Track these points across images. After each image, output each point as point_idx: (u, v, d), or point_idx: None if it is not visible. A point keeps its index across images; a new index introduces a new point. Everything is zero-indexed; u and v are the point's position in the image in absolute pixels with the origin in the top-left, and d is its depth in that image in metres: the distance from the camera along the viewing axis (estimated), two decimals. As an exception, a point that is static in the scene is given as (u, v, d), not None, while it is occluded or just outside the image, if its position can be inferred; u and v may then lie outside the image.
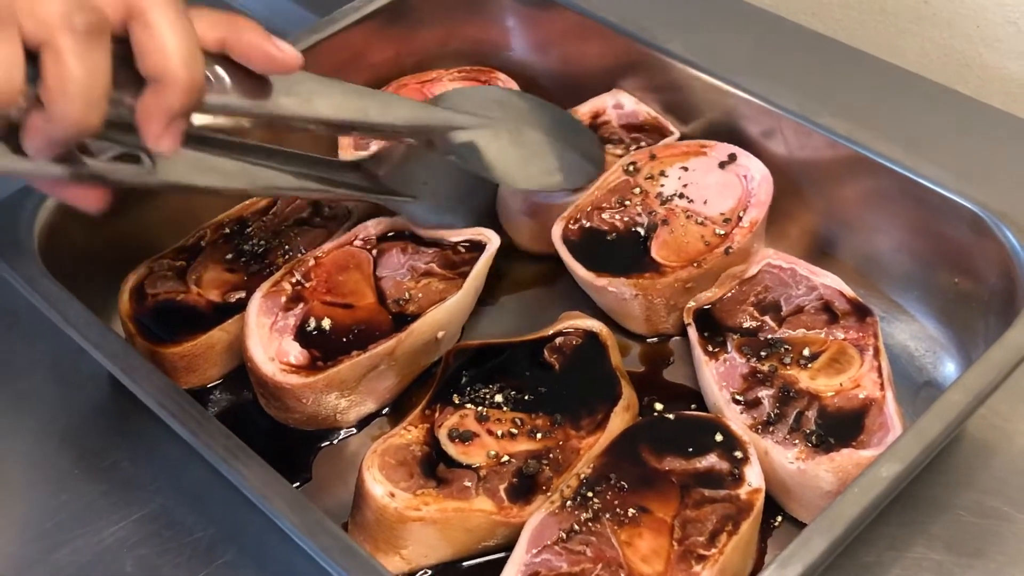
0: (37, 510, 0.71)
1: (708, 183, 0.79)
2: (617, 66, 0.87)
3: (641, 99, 0.86)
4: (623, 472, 0.64)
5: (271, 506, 0.59)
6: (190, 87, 0.54)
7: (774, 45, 1.00)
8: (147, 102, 0.54)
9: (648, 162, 0.80)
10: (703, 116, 0.83)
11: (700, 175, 0.79)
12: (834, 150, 0.76)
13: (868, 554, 0.66)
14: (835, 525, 0.56)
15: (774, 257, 0.76)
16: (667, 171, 0.80)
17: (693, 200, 0.78)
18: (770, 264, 0.76)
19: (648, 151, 0.81)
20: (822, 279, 0.74)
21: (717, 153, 0.80)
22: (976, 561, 0.66)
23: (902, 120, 0.90)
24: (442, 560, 0.65)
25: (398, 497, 0.63)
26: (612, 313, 0.77)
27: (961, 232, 0.71)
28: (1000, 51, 1.00)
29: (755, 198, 0.77)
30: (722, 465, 0.65)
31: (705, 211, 0.77)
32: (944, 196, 0.71)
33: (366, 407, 0.73)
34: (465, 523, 0.64)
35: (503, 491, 0.64)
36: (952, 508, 0.68)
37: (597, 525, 0.62)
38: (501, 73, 0.91)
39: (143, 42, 0.53)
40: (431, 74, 0.92)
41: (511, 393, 0.69)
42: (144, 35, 0.53)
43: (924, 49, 1.03)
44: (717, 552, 0.60)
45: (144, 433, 0.73)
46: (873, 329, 0.71)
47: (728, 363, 0.71)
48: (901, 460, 0.58)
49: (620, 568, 0.60)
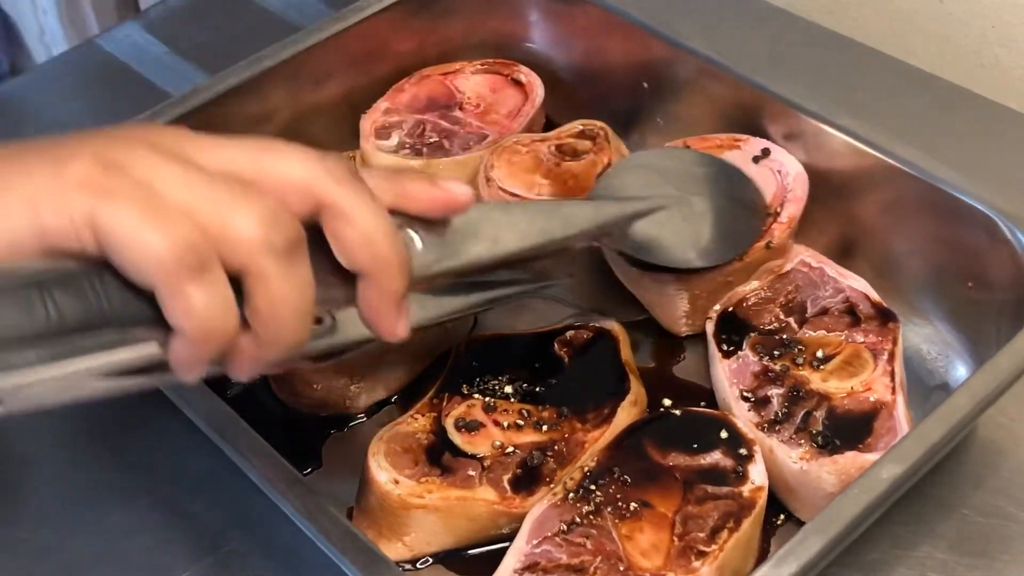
0: (43, 496, 0.72)
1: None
2: (639, 62, 0.87)
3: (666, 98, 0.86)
4: (627, 466, 0.64)
5: (273, 490, 0.60)
6: (402, 266, 0.51)
7: (791, 43, 0.99)
8: (370, 298, 0.51)
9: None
10: (723, 115, 0.83)
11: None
12: (852, 152, 0.76)
13: (873, 552, 0.66)
14: (833, 525, 0.56)
15: (807, 255, 0.76)
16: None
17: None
18: (803, 261, 0.76)
19: (682, 143, 0.81)
20: (849, 281, 0.74)
21: (750, 148, 0.80)
22: (981, 561, 0.66)
23: (917, 121, 0.89)
24: (444, 548, 0.66)
25: (402, 484, 0.63)
26: (653, 310, 0.77)
27: (975, 236, 0.71)
28: (1016, 51, 1.00)
29: (791, 193, 0.77)
30: (726, 462, 0.65)
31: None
32: (958, 199, 0.71)
33: (376, 394, 0.73)
34: (468, 512, 0.64)
35: (506, 481, 0.65)
36: (959, 508, 0.68)
37: (598, 518, 0.62)
38: (524, 66, 0.92)
39: (344, 236, 0.49)
40: (454, 65, 0.92)
41: (520, 385, 0.70)
42: (341, 227, 0.49)
43: (940, 49, 1.03)
44: (717, 548, 0.61)
45: (153, 419, 0.73)
46: (894, 334, 0.71)
47: (741, 361, 0.71)
48: (902, 462, 0.58)
49: (619, 561, 0.60)
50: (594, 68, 0.91)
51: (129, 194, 0.45)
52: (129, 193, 0.45)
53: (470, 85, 0.91)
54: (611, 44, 0.89)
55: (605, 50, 0.90)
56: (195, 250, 0.45)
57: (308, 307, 0.49)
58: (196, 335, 0.46)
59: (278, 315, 0.47)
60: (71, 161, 0.45)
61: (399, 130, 0.87)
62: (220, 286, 0.46)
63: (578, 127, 0.86)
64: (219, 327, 0.46)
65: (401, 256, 0.51)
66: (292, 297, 0.48)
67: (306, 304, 0.48)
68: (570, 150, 0.84)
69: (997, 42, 1.01)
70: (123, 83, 1.03)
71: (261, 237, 0.46)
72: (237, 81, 0.83)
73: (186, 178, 0.46)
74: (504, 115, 0.88)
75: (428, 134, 0.87)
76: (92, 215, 0.44)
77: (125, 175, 0.45)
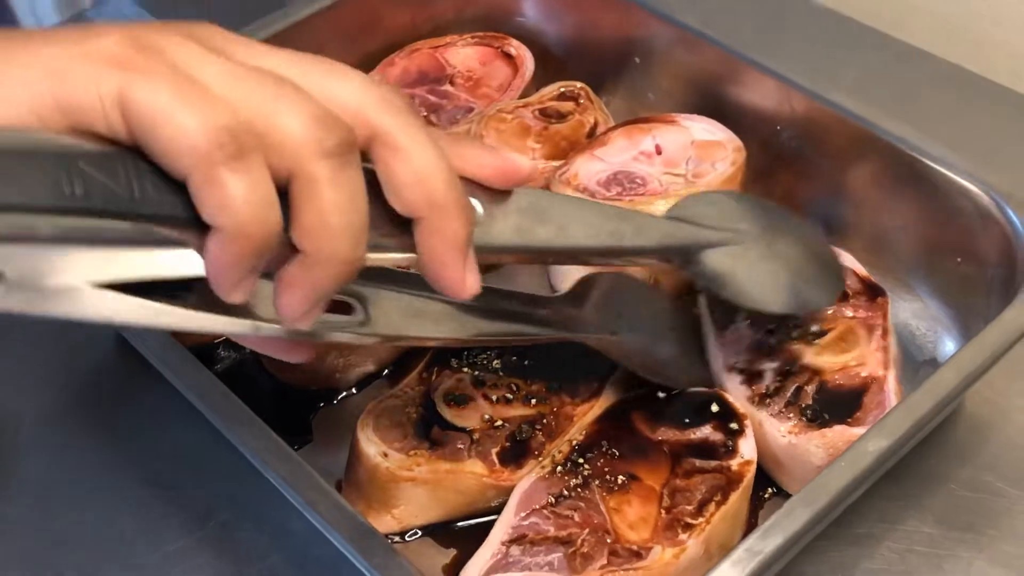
0: (34, 470, 0.72)
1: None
2: (630, 37, 0.87)
3: (656, 73, 0.86)
4: (615, 440, 0.65)
5: (263, 463, 0.60)
6: (464, 209, 0.46)
7: (783, 20, 0.99)
8: (432, 245, 0.46)
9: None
10: (715, 88, 0.83)
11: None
12: (843, 127, 0.76)
13: (860, 526, 0.67)
14: (819, 497, 0.56)
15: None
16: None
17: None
18: None
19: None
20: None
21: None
22: (967, 535, 0.66)
23: (910, 97, 0.90)
24: (433, 521, 0.66)
25: (391, 457, 0.64)
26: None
27: (964, 212, 0.71)
28: (1009, 29, 1.00)
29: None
30: (716, 436, 0.65)
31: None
32: (948, 175, 0.71)
33: (366, 367, 0.73)
34: (456, 485, 0.64)
35: (495, 454, 0.65)
36: (946, 482, 0.69)
37: (586, 491, 0.62)
38: (515, 40, 0.91)
39: (397, 172, 0.45)
40: (445, 39, 0.92)
41: (510, 359, 0.70)
42: (396, 162, 0.44)
43: (933, 26, 1.03)
44: (704, 521, 0.61)
45: (142, 392, 0.73)
46: (884, 309, 0.71)
47: (735, 333, 0.71)
48: (889, 436, 0.58)
49: (607, 534, 0.60)
50: (585, 42, 0.91)
51: (165, 74, 0.40)
52: (165, 74, 0.40)
53: (460, 58, 0.91)
54: (602, 18, 0.89)
55: (596, 24, 0.89)
56: (234, 136, 0.40)
57: (362, 221, 0.43)
58: (233, 230, 0.40)
59: (330, 227, 0.42)
60: (101, 36, 0.41)
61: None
62: (261, 176, 0.41)
63: (558, 89, 0.86)
64: (260, 224, 0.41)
65: (463, 199, 0.46)
66: (345, 207, 0.42)
67: (360, 217, 0.43)
68: (554, 112, 0.84)
69: (990, 20, 1.01)
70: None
71: (311, 136, 0.41)
72: (227, 55, 0.82)
73: (229, 68, 0.42)
74: (495, 88, 0.88)
75: (417, 108, 0.86)
76: (122, 92, 0.40)
77: (161, 57, 0.41)
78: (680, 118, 0.81)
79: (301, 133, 0.41)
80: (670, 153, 0.79)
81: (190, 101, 0.40)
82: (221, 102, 0.40)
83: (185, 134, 0.39)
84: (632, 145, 0.80)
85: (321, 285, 0.44)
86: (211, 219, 0.41)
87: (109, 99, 0.40)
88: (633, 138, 0.80)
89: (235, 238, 0.41)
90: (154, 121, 0.40)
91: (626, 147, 0.80)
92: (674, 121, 0.81)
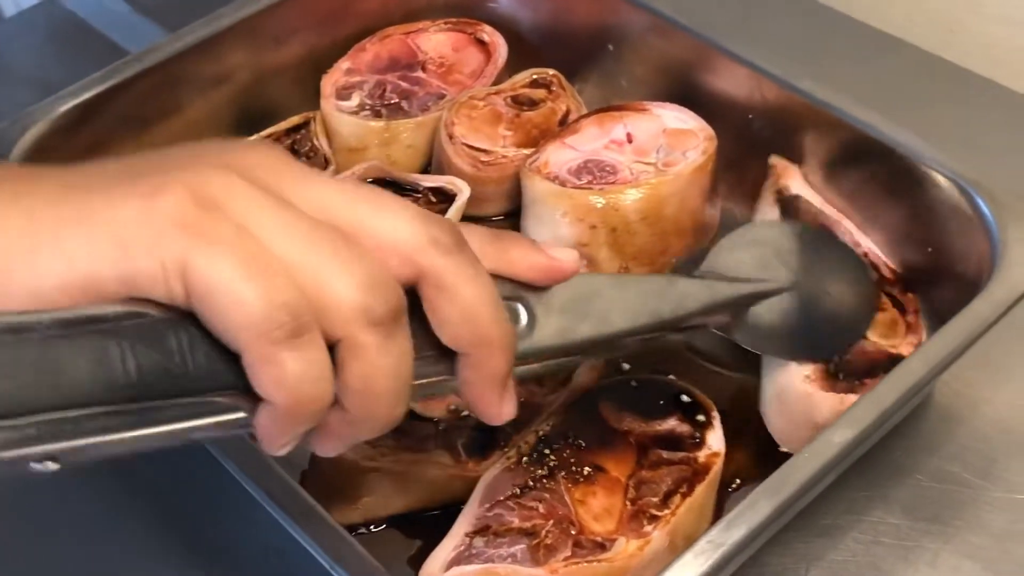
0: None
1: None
2: (604, 24, 0.87)
3: (630, 60, 0.86)
4: (581, 431, 0.64)
5: (220, 451, 0.59)
6: (507, 347, 0.47)
7: (757, 7, 0.99)
8: (471, 379, 0.47)
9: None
10: (687, 76, 0.82)
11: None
12: (814, 115, 0.75)
13: (826, 517, 0.66)
14: (784, 488, 0.56)
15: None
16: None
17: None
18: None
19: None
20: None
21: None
22: (933, 526, 0.66)
23: (883, 86, 0.90)
24: (398, 511, 0.65)
25: (355, 448, 0.63)
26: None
27: (936, 201, 0.71)
28: (984, 17, 0.99)
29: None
30: (683, 428, 0.65)
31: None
32: (919, 165, 0.71)
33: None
34: (422, 476, 0.64)
35: (460, 445, 0.64)
36: (913, 473, 0.69)
37: (552, 482, 0.62)
38: (488, 26, 0.91)
39: (444, 311, 0.45)
40: (417, 25, 0.91)
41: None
42: (442, 302, 0.45)
43: (909, 14, 1.02)
44: (669, 513, 0.60)
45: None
46: (915, 305, 0.71)
47: None
48: (854, 427, 0.58)
49: (571, 525, 0.60)
50: (558, 29, 0.90)
51: (227, 240, 0.40)
52: (227, 239, 0.40)
53: (432, 45, 0.90)
54: (576, 5, 0.88)
55: (570, 11, 0.89)
56: (294, 312, 0.40)
57: (406, 384, 0.44)
58: (287, 407, 0.42)
59: (372, 391, 0.43)
60: (162, 194, 0.41)
61: (360, 91, 0.86)
62: (316, 354, 0.41)
63: (530, 76, 0.86)
64: (313, 401, 0.42)
65: (506, 335, 0.47)
66: (389, 373, 0.43)
67: (404, 381, 0.44)
68: (526, 100, 0.84)
69: (966, 8, 1.00)
70: (83, 40, 1.02)
71: (361, 304, 0.42)
72: (195, 39, 0.81)
73: (287, 224, 0.42)
74: (467, 75, 0.88)
75: (388, 95, 0.86)
76: (185, 261, 0.40)
77: (222, 215, 0.41)
78: (652, 106, 0.81)
79: (352, 301, 0.42)
80: (641, 141, 0.79)
81: (251, 273, 0.40)
82: (281, 271, 0.41)
83: (244, 310, 0.40)
84: (603, 133, 0.80)
85: (358, 437, 0.46)
86: (265, 394, 0.41)
87: (172, 268, 0.40)
88: (604, 126, 0.80)
89: (287, 413, 0.42)
90: (215, 293, 0.40)
91: (597, 135, 0.80)
92: (646, 109, 0.80)
